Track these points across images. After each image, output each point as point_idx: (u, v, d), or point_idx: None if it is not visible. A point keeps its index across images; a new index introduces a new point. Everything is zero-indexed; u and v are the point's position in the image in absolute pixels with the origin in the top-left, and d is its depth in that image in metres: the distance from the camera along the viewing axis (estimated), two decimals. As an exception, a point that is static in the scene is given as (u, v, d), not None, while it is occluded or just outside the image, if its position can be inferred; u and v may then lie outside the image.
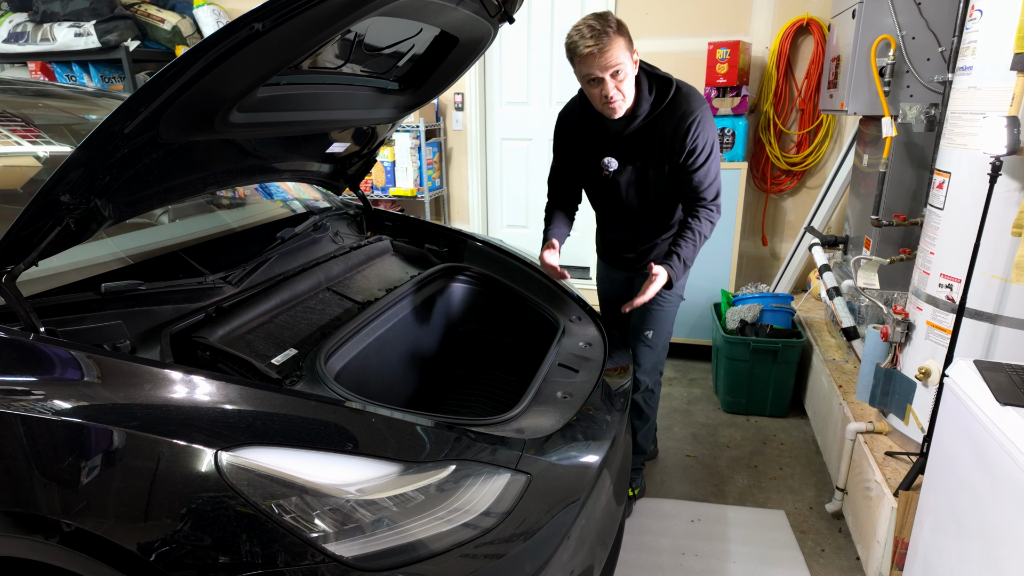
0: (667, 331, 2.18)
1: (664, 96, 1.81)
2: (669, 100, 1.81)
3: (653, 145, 1.86)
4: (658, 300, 2.06)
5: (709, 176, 1.87)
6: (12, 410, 0.98)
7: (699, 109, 1.81)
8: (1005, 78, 1.57)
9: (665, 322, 2.15)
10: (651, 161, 1.89)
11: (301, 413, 1.13)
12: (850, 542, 2.16)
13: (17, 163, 1.71)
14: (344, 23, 1.19)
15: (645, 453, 2.37)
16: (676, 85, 1.83)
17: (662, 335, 2.16)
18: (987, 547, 1.25)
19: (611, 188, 1.99)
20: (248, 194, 2.38)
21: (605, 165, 1.94)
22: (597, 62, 1.66)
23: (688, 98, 1.82)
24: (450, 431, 1.22)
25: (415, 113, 3.73)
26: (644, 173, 1.92)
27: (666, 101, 1.81)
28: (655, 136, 1.85)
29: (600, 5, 3.69)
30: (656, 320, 2.13)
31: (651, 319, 2.12)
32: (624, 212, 2.05)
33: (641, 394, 2.20)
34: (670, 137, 1.82)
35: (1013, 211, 1.59)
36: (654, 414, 2.31)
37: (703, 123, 1.81)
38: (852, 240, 2.98)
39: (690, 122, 1.79)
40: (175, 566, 0.94)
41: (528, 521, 1.13)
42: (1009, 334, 1.67)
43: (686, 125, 1.79)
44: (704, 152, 1.83)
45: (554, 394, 1.50)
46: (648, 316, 2.12)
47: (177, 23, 4.03)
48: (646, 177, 1.93)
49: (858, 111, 2.57)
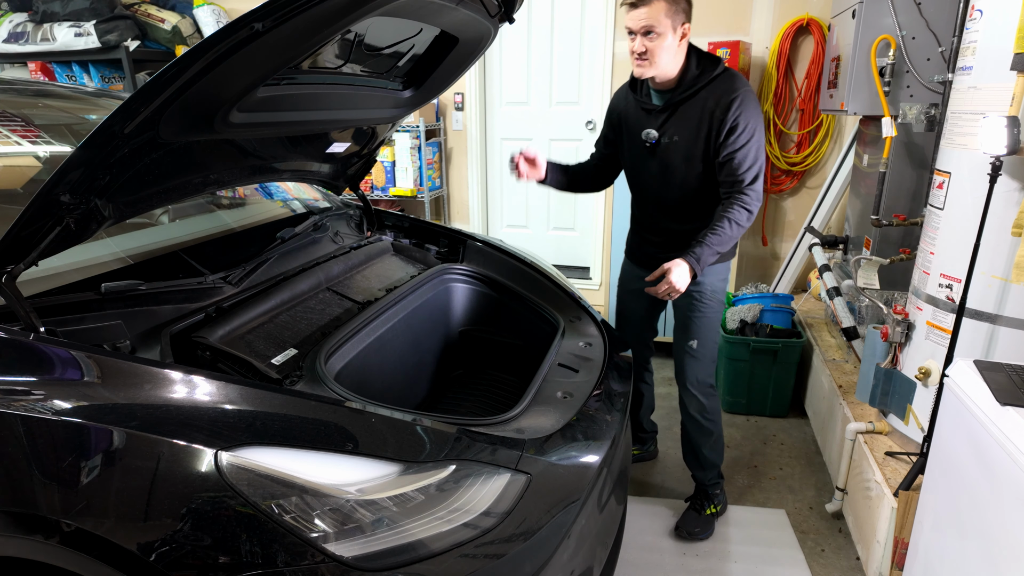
0: (712, 339, 2.11)
1: (709, 74, 1.83)
2: (714, 78, 1.82)
3: (693, 120, 1.85)
4: (698, 307, 2.04)
5: (748, 158, 1.82)
6: (12, 410, 0.98)
7: (742, 89, 1.81)
8: (1005, 78, 1.57)
9: (709, 329, 2.09)
10: (690, 137, 1.87)
11: (301, 413, 1.13)
12: (850, 542, 2.16)
13: (17, 163, 1.71)
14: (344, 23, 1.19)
15: (717, 467, 2.25)
16: (724, 67, 1.85)
17: (707, 344, 2.10)
18: (987, 547, 1.25)
19: (649, 164, 1.98)
20: (248, 194, 2.38)
21: (646, 137, 1.94)
22: (632, 15, 1.75)
23: (733, 79, 1.83)
24: (450, 431, 1.22)
25: (415, 113, 3.73)
26: (682, 149, 1.90)
27: (710, 78, 1.82)
28: (696, 111, 1.84)
29: (601, 5, 3.69)
30: (699, 328, 2.08)
31: (693, 328, 2.08)
32: (659, 194, 2.02)
33: (695, 409, 2.14)
34: (711, 112, 1.82)
35: (1013, 211, 1.59)
36: (717, 427, 2.19)
37: (746, 103, 1.80)
38: (852, 240, 2.98)
39: (732, 98, 1.79)
40: (175, 566, 0.94)
41: (528, 521, 1.13)
42: (1009, 334, 1.67)
43: (728, 101, 1.79)
44: (745, 133, 1.80)
45: (554, 394, 1.50)
46: (690, 325, 2.08)
47: (177, 23, 4.03)
48: (684, 153, 1.90)
49: (858, 111, 2.57)
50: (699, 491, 2.27)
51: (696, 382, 2.12)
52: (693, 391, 2.12)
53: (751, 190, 1.84)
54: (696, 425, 2.16)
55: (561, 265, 4.16)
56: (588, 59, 3.86)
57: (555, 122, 4.05)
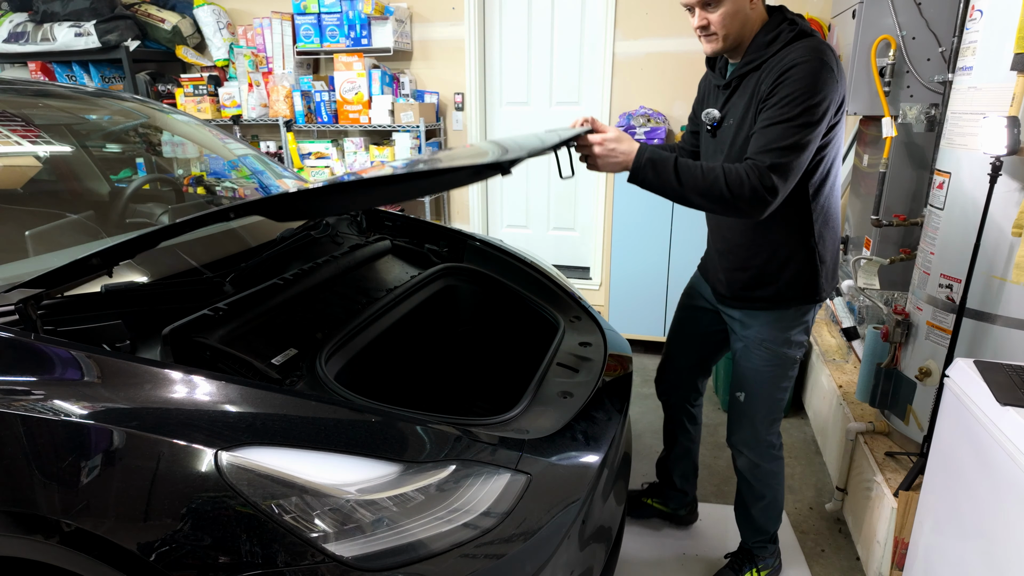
0: (765, 395, 1.72)
1: (783, 40, 1.46)
2: (785, 45, 1.45)
3: (746, 98, 1.52)
4: (744, 354, 1.72)
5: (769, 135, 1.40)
6: (12, 410, 0.98)
7: (810, 60, 1.39)
8: (1005, 78, 1.57)
9: (758, 384, 1.71)
10: (741, 119, 1.53)
11: (301, 413, 1.13)
12: (850, 542, 2.16)
13: (17, 163, 1.70)
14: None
15: (768, 534, 1.93)
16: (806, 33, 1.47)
17: (757, 398, 1.73)
18: (987, 547, 1.25)
19: (711, 151, 1.67)
20: (248, 194, 2.38)
21: (706, 118, 1.64)
22: None
23: (808, 49, 1.42)
24: (450, 431, 1.21)
25: (415, 113, 3.74)
26: (734, 135, 1.56)
27: (781, 46, 1.46)
28: (751, 87, 1.50)
29: (601, 5, 3.69)
30: (744, 379, 1.73)
31: (739, 376, 1.75)
32: None
33: (742, 466, 1.85)
34: (762, 83, 1.46)
35: (1013, 211, 1.59)
36: (770, 491, 1.84)
37: (804, 74, 1.38)
38: (852, 240, 2.98)
39: (792, 63, 1.40)
40: (175, 566, 0.94)
41: (528, 521, 1.13)
42: (1009, 334, 1.67)
43: (781, 69, 1.41)
44: (782, 104, 1.39)
45: (554, 394, 1.50)
46: (736, 372, 1.77)
47: (177, 23, 4.03)
48: (734, 140, 1.56)
49: (858, 111, 2.57)
50: (741, 549, 1.99)
51: (741, 440, 1.81)
52: (740, 447, 1.82)
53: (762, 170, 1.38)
54: (745, 483, 1.87)
55: (561, 265, 4.16)
56: (588, 59, 3.86)
57: (555, 122, 4.04)
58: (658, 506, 2.25)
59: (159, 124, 2.34)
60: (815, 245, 1.59)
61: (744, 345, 1.71)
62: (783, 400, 1.76)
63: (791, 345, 1.68)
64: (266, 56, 3.97)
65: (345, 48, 3.83)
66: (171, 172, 2.48)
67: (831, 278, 1.67)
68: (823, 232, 1.60)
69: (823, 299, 1.66)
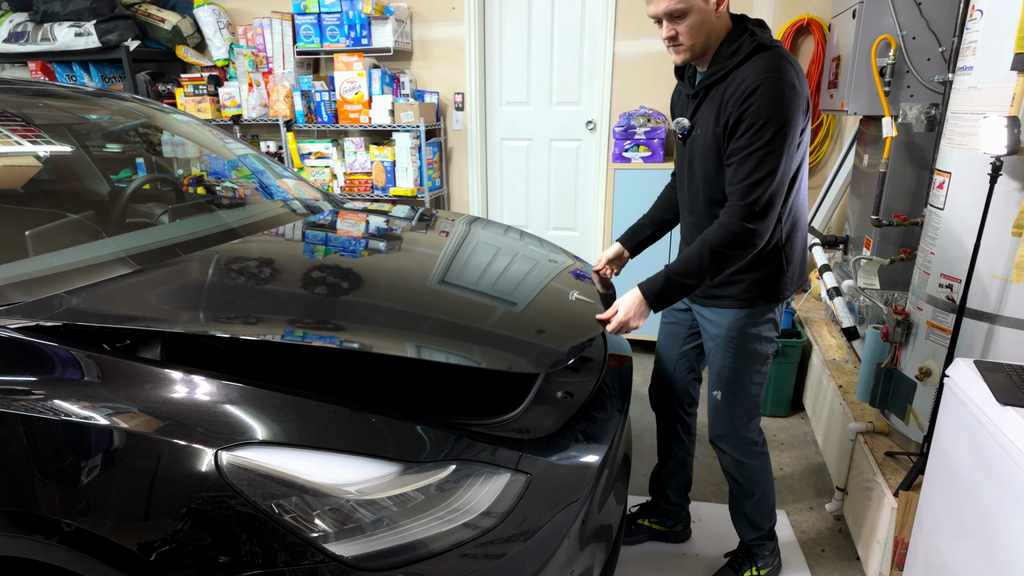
0: (742, 391, 1.76)
1: (744, 51, 1.48)
2: (746, 58, 1.47)
3: (714, 109, 1.54)
4: (716, 351, 1.76)
5: (748, 166, 1.44)
6: (12, 410, 0.98)
7: (768, 76, 1.41)
8: (1005, 78, 1.57)
9: (734, 381, 1.76)
10: (708, 130, 1.56)
11: (301, 413, 1.13)
12: (850, 542, 2.16)
13: (17, 163, 1.71)
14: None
15: (763, 530, 1.95)
16: (768, 48, 1.48)
17: (734, 396, 1.77)
18: (987, 547, 1.25)
19: (683, 161, 1.70)
20: (248, 194, 2.38)
21: (677, 127, 1.67)
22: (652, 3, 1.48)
23: (767, 60, 1.45)
24: (450, 431, 1.22)
25: (415, 113, 3.74)
26: (701, 145, 1.60)
27: (743, 57, 1.48)
28: (718, 99, 1.53)
29: (601, 5, 3.69)
30: (721, 378, 1.78)
31: (714, 375, 1.80)
32: (689, 201, 1.74)
33: (727, 464, 1.89)
34: (727, 102, 1.49)
35: (1013, 211, 1.59)
36: (759, 488, 1.88)
37: (767, 95, 1.41)
38: (852, 240, 2.98)
39: (751, 86, 1.42)
40: (175, 566, 0.94)
41: (528, 521, 1.14)
42: (1009, 334, 1.67)
43: (744, 89, 1.44)
44: (752, 132, 1.43)
45: (554, 394, 1.50)
46: (712, 372, 1.80)
47: (177, 23, 4.03)
48: (703, 151, 1.60)
49: (858, 111, 2.57)
50: (740, 548, 2.02)
51: (720, 437, 1.84)
52: (721, 445, 1.85)
53: (746, 207, 1.45)
54: (733, 482, 1.91)
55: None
56: (588, 59, 3.86)
57: (555, 122, 4.05)
58: (654, 526, 2.19)
59: (159, 124, 2.34)
60: (782, 247, 1.65)
61: (715, 344, 1.76)
62: (759, 396, 1.80)
63: (760, 341, 1.73)
64: (266, 56, 3.97)
65: (345, 48, 3.84)
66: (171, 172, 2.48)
67: (796, 279, 1.72)
68: (791, 234, 1.66)
69: (785, 298, 1.72)
